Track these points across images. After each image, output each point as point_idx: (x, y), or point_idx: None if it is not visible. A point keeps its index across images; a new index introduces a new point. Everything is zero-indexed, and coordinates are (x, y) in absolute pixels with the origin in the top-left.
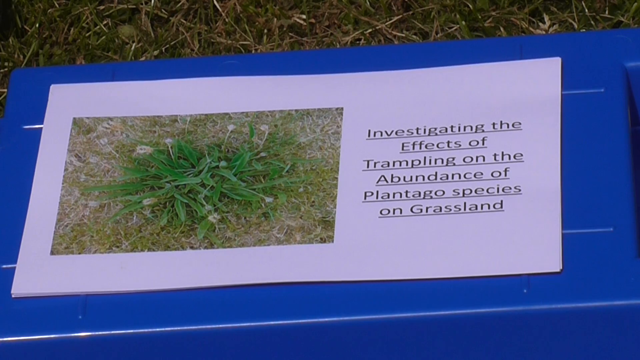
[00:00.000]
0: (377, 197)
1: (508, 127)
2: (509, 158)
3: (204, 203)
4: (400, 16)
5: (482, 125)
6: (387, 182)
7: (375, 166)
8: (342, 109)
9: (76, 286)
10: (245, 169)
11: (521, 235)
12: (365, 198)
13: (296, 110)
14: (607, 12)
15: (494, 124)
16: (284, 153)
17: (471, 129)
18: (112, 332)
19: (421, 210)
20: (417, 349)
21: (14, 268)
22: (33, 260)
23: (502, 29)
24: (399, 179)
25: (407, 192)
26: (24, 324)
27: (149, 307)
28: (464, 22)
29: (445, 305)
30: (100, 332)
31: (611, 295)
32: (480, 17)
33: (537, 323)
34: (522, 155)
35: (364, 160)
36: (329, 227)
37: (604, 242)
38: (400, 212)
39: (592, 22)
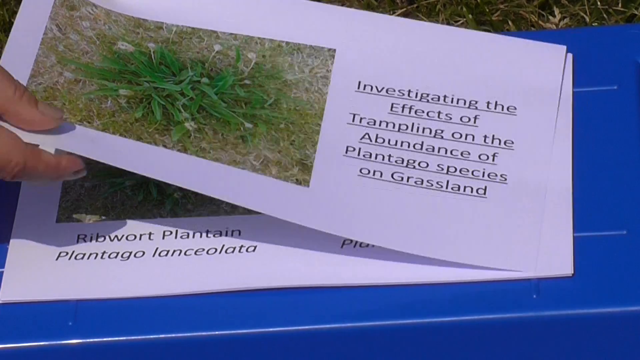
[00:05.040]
0: (358, 154)
1: (502, 109)
2: (499, 143)
3: (182, 110)
4: (405, 9)
5: (477, 102)
6: (370, 141)
7: (361, 122)
8: (334, 50)
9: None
10: (227, 91)
11: (504, 229)
12: (346, 152)
13: (287, 43)
14: (620, 4)
15: (488, 103)
16: (269, 86)
17: (464, 104)
18: (104, 339)
19: (402, 178)
20: (423, 356)
21: (2, 272)
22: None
23: (510, 22)
24: (384, 140)
25: (390, 156)
26: (12, 331)
27: (142, 314)
28: (470, 16)
29: (451, 311)
30: (91, 340)
31: (625, 301)
32: (487, 10)
33: (547, 330)
34: (512, 142)
35: (350, 113)
36: (307, 170)
37: (617, 245)
38: (381, 175)
39: (604, 15)
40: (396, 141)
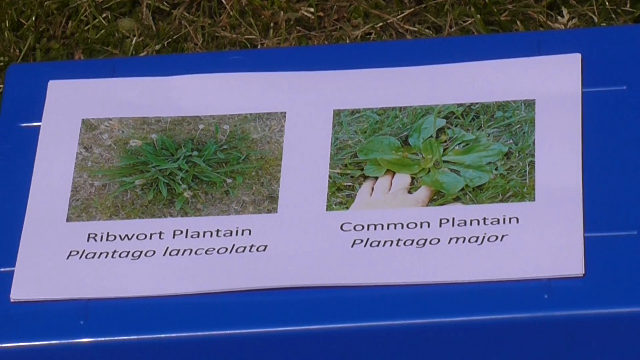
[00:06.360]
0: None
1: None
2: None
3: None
4: (413, 9)
5: None
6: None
7: None
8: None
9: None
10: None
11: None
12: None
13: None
14: (628, 5)
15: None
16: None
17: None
18: (115, 338)
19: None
20: (432, 356)
21: (13, 271)
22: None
23: (518, 22)
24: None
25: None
26: (23, 330)
27: (153, 313)
28: (479, 16)
29: (462, 311)
30: (102, 338)
31: (636, 301)
32: (496, 10)
33: (558, 330)
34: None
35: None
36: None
37: (628, 246)
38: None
39: (612, 15)
40: None
